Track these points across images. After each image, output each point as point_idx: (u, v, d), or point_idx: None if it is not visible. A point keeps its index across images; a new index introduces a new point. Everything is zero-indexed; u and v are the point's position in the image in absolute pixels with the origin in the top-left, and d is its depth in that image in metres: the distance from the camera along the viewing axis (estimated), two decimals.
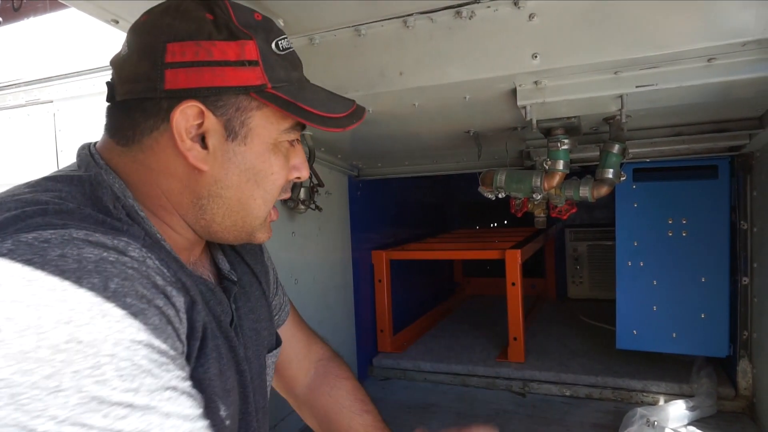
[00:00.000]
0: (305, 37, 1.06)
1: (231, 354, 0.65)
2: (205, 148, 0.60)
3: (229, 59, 0.58)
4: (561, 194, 1.32)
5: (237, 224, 0.65)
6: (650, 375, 1.64)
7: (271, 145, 0.63)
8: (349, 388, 0.95)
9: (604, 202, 1.60)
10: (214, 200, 0.62)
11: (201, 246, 0.70)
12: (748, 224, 1.47)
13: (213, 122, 0.59)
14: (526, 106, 1.05)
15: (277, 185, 0.66)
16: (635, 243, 1.64)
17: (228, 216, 0.64)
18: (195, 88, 0.57)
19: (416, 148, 1.69)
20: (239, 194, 0.63)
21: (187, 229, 0.64)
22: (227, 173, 0.61)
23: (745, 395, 1.50)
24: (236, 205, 0.63)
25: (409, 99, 1.10)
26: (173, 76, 0.57)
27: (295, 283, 1.52)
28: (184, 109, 0.57)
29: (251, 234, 0.67)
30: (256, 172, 0.63)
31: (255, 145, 0.62)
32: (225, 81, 0.58)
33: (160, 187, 0.61)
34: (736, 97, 1.06)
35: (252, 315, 0.74)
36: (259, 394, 0.74)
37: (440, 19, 0.97)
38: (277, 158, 0.64)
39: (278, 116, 0.62)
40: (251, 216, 0.65)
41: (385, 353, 2.01)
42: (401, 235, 2.32)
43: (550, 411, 1.59)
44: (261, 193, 0.64)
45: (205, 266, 0.71)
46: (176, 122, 0.57)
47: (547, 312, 2.51)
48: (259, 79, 0.59)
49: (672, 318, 1.60)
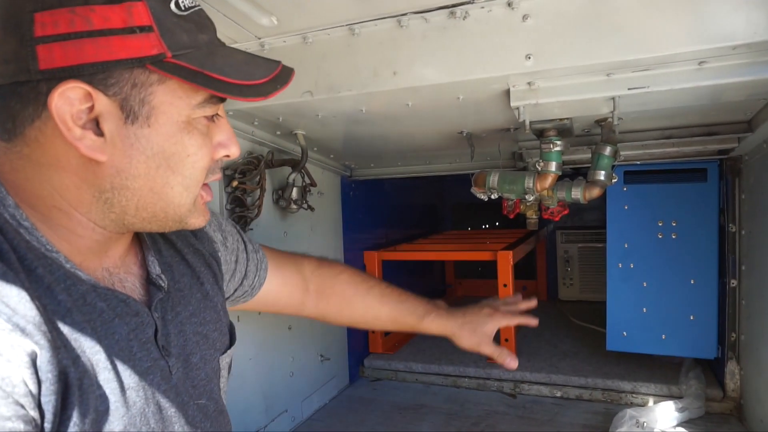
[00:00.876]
0: (298, 36, 1.06)
1: (146, 369, 0.57)
2: (101, 135, 0.51)
3: (113, 27, 0.48)
4: (553, 196, 1.32)
5: (157, 215, 0.57)
6: (640, 376, 1.65)
7: (182, 123, 0.54)
8: (345, 279, 1.01)
9: (595, 205, 1.61)
10: (120, 193, 0.54)
11: (122, 245, 0.62)
12: (736, 227, 1.49)
13: (105, 104, 0.50)
14: (519, 107, 1.05)
15: (199, 168, 0.57)
16: (626, 245, 1.65)
17: (142, 208, 0.56)
18: (76, 65, 0.48)
19: (409, 148, 1.69)
20: (150, 183, 0.54)
21: (92, 228, 0.56)
22: (131, 161, 0.53)
23: (733, 397, 1.51)
24: (149, 196, 0.55)
25: (402, 99, 1.10)
26: (47, 52, 0.47)
27: None
28: (64, 91, 0.48)
29: (180, 222, 0.59)
30: (168, 156, 0.54)
31: (161, 126, 0.53)
32: (112, 54, 0.48)
33: (51, 184, 0.52)
34: (726, 100, 1.07)
35: (194, 319, 0.68)
36: (209, 399, 0.68)
37: (434, 19, 0.97)
38: (193, 138, 0.55)
39: (187, 89, 0.53)
40: (173, 205, 0.57)
41: (377, 354, 2.00)
42: (393, 236, 2.31)
43: (540, 412, 1.60)
44: (179, 180, 0.56)
45: (130, 269, 0.63)
46: (56, 108, 0.48)
47: (538, 313, 2.50)
48: (155, 47, 0.50)
49: (661, 320, 1.62)
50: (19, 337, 0.43)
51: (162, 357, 0.60)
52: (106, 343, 0.53)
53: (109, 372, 0.52)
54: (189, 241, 0.75)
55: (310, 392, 1.64)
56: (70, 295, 0.51)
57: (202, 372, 0.68)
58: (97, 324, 0.53)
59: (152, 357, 0.59)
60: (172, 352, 0.63)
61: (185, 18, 0.53)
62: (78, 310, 0.51)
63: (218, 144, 0.59)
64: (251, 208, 1.29)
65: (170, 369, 0.61)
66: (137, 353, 0.57)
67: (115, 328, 0.55)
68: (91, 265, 0.57)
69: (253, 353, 1.36)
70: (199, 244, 0.77)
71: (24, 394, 0.43)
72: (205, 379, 0.68)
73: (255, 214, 1.30)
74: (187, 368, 0.65)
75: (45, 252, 0.51)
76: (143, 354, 0.58)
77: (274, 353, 1.46)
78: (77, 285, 0.53)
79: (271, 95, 0.56)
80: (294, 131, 1.38)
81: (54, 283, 0.50)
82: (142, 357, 0.57)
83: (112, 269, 0.60)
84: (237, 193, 1.26)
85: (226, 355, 0.75)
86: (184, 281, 0.70)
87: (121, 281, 0.61)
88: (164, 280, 0.65)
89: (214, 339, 0.72)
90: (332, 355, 1.78)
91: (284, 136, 1.43)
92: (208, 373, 0.69)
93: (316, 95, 1.08)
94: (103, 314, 0.54)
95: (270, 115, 1.25)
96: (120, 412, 0.52)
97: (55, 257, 0.52)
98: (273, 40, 1.07)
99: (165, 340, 0.62)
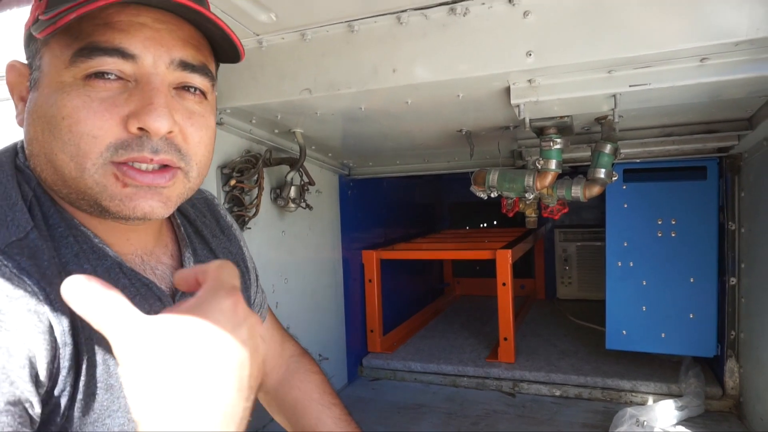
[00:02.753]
0: (297, 33, 1.05)
1: None
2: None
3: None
4: (553, 194, 1.32)
5: (62, 190, 0.53)
6: (639, 375, 1.65)
7: (58, 83, 0.51)
8: (318, 382, 0.95)
9: (593, 203, 1.60)
10: (32, 160, 0.55)
11: (142, 236, 0.61)
12: (736, 225, 1.48)
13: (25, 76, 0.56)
14: (519, 104, 1.05)
15: (77, 133, 0.50)
16: (625, 243, 1.65)
17: (52, 182, 0.53)
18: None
19: (408, 147, 1.68)
20: (42, 149, 0.52)
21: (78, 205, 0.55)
22: (28, 127, 0.54)
23: (733, 395, 1.51)
24: (46, 164, 0.53)
25: (402, 96, 1.10)
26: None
27: (285, 282, 1.51)
28: (10, 68, 0.56)
29: (96, 205, 0.53)
30: (47, 119, 0.51)
31: (44, 88, 0.52)
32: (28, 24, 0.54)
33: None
34: (726, 97, 1.07)
35: None
36: None
37: (434, 16, 0.96)
38: (69, 98, 0.50)
39: (62, 47, 0.51)
40: (65, 178, 0.52)
41: (375, 353, 1.99)
42: (392, 235, 2.31)
43: (539, 411, 1.59)
44: (59, 145, 0.51)
45: (161, 260, 0.63)
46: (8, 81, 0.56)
47: (537, 312, 2.52)
48: (38, 10, 0.52)
49: (661, 318, 1.61)
50: (36, 303, 0.45)
51: None
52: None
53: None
54: (221, 241, 0.76)
55: None
56: (94, 268, 0.53)
57: None
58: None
59: None
60: None
61: None
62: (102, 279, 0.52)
63: (130, 113, 0.51)
64: (249, 207, 1.28)
65: None
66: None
67: (136, 305, 0.54)
68: (122, 250, 0.58)
69: None
70: (231, 245, 0.78)
71: (22, 366, 0.43)
72: None
73: (253, 213, 1.29)
74: None
75: (77, 224, 0.54)
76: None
77: None
78: (103, 260, 0.54)
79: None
80: (292, 129, 1.37)
81: (81, 253, 0.52)
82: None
83: (146, 257, 0.61)
84: (235, 192, 1.25)
85: None
86: None
87: (153, 269, 0.61)
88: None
89: None
90: (331, 354, 1.77)
91: (282, 134, 1.42)
92: None
93: (315, 93, 1.07)
94: (125, 290, 0.53)
95: (268, 113, 1.24)
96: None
97: (84, 231, 0.54)
98: (271, 36, 1.06)
99: None
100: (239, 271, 0.75)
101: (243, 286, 0.77)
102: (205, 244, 0.72)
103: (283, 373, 0.95)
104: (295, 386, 0.94)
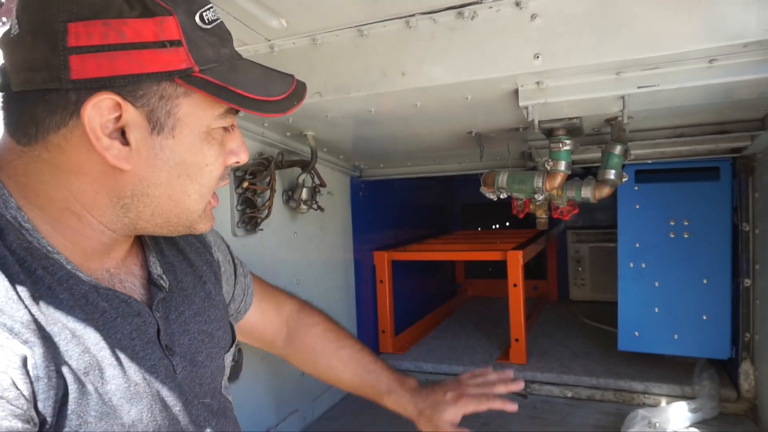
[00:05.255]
0: (308, 38, 1.06)
1: (149, 367, 0.57)
2: (127, 144, 0.52)
3: (146, 40, 0.49)
4: (563, 195, 1.32)
5: (170, 221, 0.59)
6: (652, 377, 1.63)
7: (203, 134, 0.56)
8: (319, 332, 1.00)
9: (606, 204, 1.60)
10: (140, 199, 0.56)
11: (124, 246, 0.63)
12: (750, 226, 1.47)
13: (133, 115, 0.51)
14: (528, 106, 1.05)
15: (214, 176, 0.60)
16: (637, 244, 1.64)
17: (158, 214, 0.58)
18: (108, 77, 0.49)
19: (418, 149, 1.69)
20: (170, 191, 0.56)
21: (102, 231, 0.56)
22: (155, 170, 0.54)
23: (748, 397, 1.50)
24: (167, 203, 0.57)
25: (411, 99, 1.11)
26: (80, 63, 0.48)
27: (297, 284, 1.52)
28: (98, 102, 0.49)
29: (189, 227, 0.62)
30: (188, 166, 0.56)
31: (185, 137, 0.55)
32: (143, 67, 0.50)
33: (69, 188, 0.53)
34: (737, 98, 1.06)
35: (199, 318, 0.69)
36: (213, 398, 0.69)
37: (442, 20, 0.97)
38: (212, 147, 0.58)
39: (209, 102, 0.55)
40: (187, 211, 0.59)
41: (387, 354, 2.00)
42: (403, 236, 2.32)
43: (551, 412, 1.59)
44: (196, 188, 0.58)
45: (131, 270, 0.64)
46: (89, 118, 0.49)
47: (549, 314, 2.50)
48: (183, 62, 0.51)
49: (674, 320, 1.60)
50: (6, 338, 0.44)
51: (165, 356, 0.61)
52: (109, 341, 0.53)
53: (114, 368, 0.53)
54: (190, 240, 0.76)
55: (320, 392, 1.65)
56: (72, 295, 0.52)
57: (207, 370, 0.68)
58: (99, 323, 0.54)
59: (156, 356, 0.59)
60: (177, 351, 0.63)
61: (209, 32, 0.54)
62: (80, 308, 0.52)
63: (230, 152, 0.62)
64: (261, 209, 1.30)
65: (174, 368, 0.62)
66: (140, 352, 0.57)
67: (118, 327, 0.56)
68: (93, 266, 0.58)
69: (263, 353, 1.36)
70: (200, 244, 0.78)
71: (15, 396, 0.43)
72: (210, 377, 0.69)
73: (265, 215, 1.31)
74: (194, 367, 0.66)
75: (46, 253, 0.52)
76: (146, 353, 0.58)
77: None
78: (78, 285, 0.53)
79: (288, 111, 0.59)
80: (304, 132, 1.39)
81: (55, 284, 0.51)
82: (145, 356, 0.58)
83: (113, 270, 0.61)
84: (247, 194, 1.28)
85: (229, 354, 0.76)
86: (187, 280, 0.70)
87: (122, 282, 0.61)
88: (165, 280, 0.65)
89: (219, 337, 0.73)
90: None
91: (294, 137, 1.44)
92: (213, 371, 0.70)
93: (326, 96, 1.09)
94: (105, 313, 0.55)
95: (280, 117, 1.26)
96: (126, 407, 0.53)
97: (56, 258, 0.53)
98: (282, 42, 1.08)
99: (168, 339, 0.63)
100: (211, 270, 0.77)
101: (216, 284, 0.77)
102: (173, 244, 0.72)
103: (285, 335, 1.00)
104: (299, 346, 0.99)
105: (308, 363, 1.00)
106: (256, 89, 0.56)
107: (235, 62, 0.58)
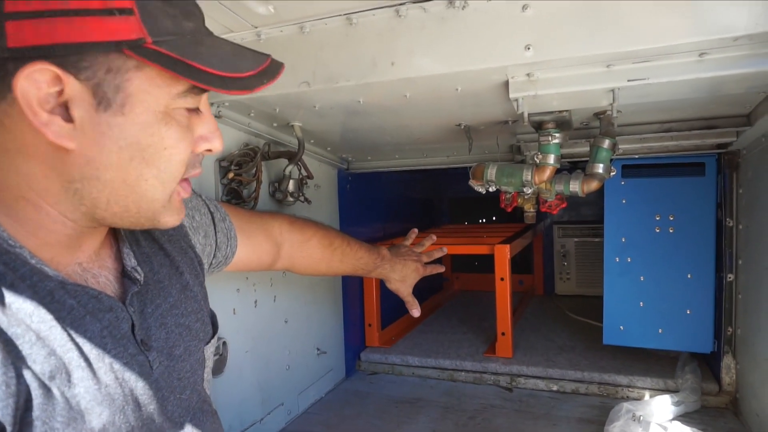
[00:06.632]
0: (296, 25, 1.04)
1: (122, 365, 0.55)
2: (70, 121, 0.48)
3: (90, 7, 0.45)
4: (551, 189, 1.32)
5: (129, 210, 0.54)
6: (636, 370, 1.65)
7: (160, 114, 0.52)
8: (314, 245, 1.12)
9: (592, 200, 1.60)
10: (90, 183, 0.51)
11: (97, 238, 0.60)
12: (733, 221, 1.49)
13: (76, 88, 0.47)
14: (518, 98, 1.05)
15: (176, 161, 0.54)
16: (623, 239, 1.65)
17: (114, 202, 0.53)
18: (47, 45, 0.45)
19: (407, 141, 1.68)
20: (123, 175, 0.52)
21: (63, 222, 0.53)
22: (102, 150, 0.50)
23: (729, 391, 1.52)
24: (122, 188, 0.52)
25: (400, 90, 1.09)
26: (16, 29, 0.44)
27: (283, 276, 1.51)
28: (31, 73, 0.45)
29: (153, 219, 0.57)
30: (143, 148, 0.51)
31: (138, 115, 0.50)
32: (86, 35, 0.46)
33: (18, 172, 0.49)
34: (725, 93, 1.07)
35: (175, 310, 0.67)
36: (193, 391, 0.67)
37: (433, 9, 0.96)
38: (171, 129, 0.53)
39: (166, 78, 0.50)
40: (146, 199, 0.54)
41: (373, 348, 2.00)
42: (390, 230, 2.31)
43: (536, 406, 1.60)
44: (154, 173, 0.53)
45: (105, 263, 0.61)
46: (22, 90, 0.45)
47: (535, 308, 2.52)
48: (134, 31, 0.47)
49: (658, 314, 1.61)
50: None
51: (141, 352, 0.59)
52: (78, 341, 0.51)
53: (83, 370, 0.51)
54: (165, 233, 0.74)
55: (306, 385, 1.64)
56: (36, 293, 0.49)
57: (186, 364, 0.66)
58: (66, 322, 0.51)
59: (129, 353, 0.57)
60: (153, 346, 0.61)
61: (171, 3, 0.50)
62: (46, 307, 0.49)
63: (200, 137, 0.56)
64: (247, 201, 1.28)
65: (150, 363, 0.60)
66: (111, 350, 0.55)
67: (87, 325, 0.53)
68: (63, 261, 0.55)
69: (249, 346, 1.36)
70: (174, 231, 0.75)
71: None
72: (190, 371, 0.67)
73: (251, 206, 1.29)
74: (171, 361, 0.64)
75: (7, 247, 0.49)
76: (119, 350, 0.56)
77: (271, 346, 1.46)
78: (44, 281, 0.50)
79: (256, 89, 0.53)
80: (291, 123, 1.37)
81: (18, 281, 0.48)
82: (117, 353, 0.55)
83: (86, 264, 0.58)
84: (233, 185, 1.25)
85: (210, 345, 0.74)
86: (163, 272, 0.68)
87: (95, 276, 0.58)
88: (140, 272, 0.63)
89: (197, 330, 0.71)
90: (329, 348, 1.77)
91: (281, 127, 1.42)
92: (193, 364, 0.68)
93: (314, 86, 1.07)
94: (72, 311, 0.52)
95: (266, 107, 1.24)
96: (97, 410, 0.51)
97: (19, 252, 0.49)
98: (269, 29, 1.06)
99: (144, 334, 0.60)
100: (187, 258, 0.75)
101: (193, 273, 0.75)
102: (149, 235, 0.70)
103: (282, 254, 1.07)
104: (299, 258, 1.10)
105: (310, 270, 1.16)
106: (219, 64, 0.51)
107: (201, 37, 0.53)
